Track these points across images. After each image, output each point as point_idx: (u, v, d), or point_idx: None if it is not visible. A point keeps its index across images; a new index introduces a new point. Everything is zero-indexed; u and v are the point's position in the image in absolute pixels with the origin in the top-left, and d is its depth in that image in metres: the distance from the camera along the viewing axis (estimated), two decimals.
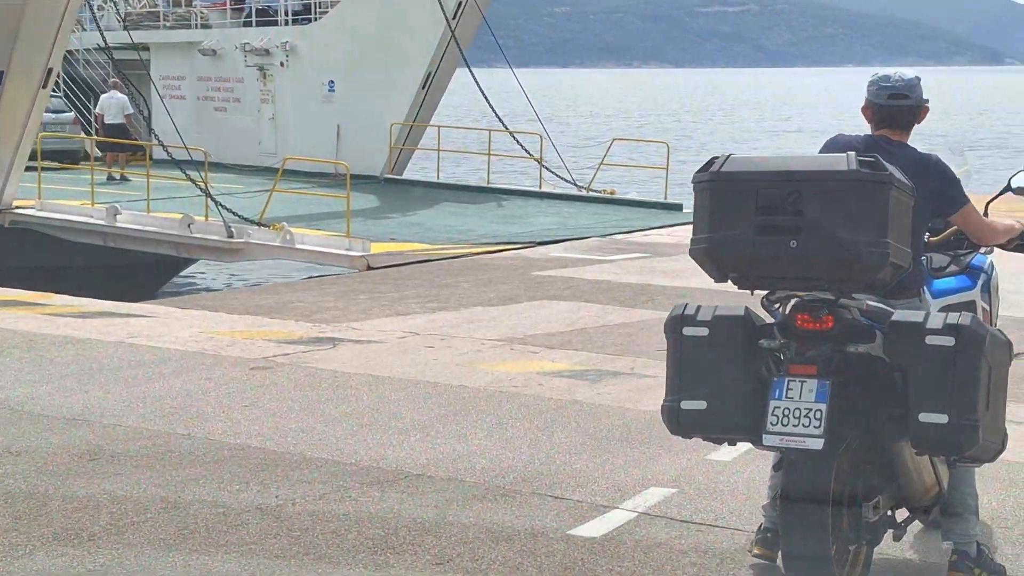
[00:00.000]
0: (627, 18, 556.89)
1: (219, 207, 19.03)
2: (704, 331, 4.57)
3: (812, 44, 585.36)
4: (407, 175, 27.84)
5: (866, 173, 4.29)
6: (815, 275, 4.39)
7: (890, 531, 4.91)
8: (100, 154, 26.48)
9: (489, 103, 24.95)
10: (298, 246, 18.29)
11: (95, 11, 27.70)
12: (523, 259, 16.09)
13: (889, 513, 4.87)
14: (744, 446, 7.21)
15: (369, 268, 16.12)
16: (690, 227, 4.65)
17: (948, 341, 4.32)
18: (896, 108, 5.02)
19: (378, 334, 10.85)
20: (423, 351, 10.09)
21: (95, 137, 26.55)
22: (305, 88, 28.18)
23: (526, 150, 25.68)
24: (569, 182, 25.33)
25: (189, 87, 30.92)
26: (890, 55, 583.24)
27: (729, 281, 4.55)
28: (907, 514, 5.07)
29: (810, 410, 4.37)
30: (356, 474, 6.69)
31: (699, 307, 4.67)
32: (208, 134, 29.98)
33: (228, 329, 11.05)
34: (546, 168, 25.31)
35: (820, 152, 4.96)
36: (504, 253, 16.76)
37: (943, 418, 4.30)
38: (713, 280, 4.59)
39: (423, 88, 26.15)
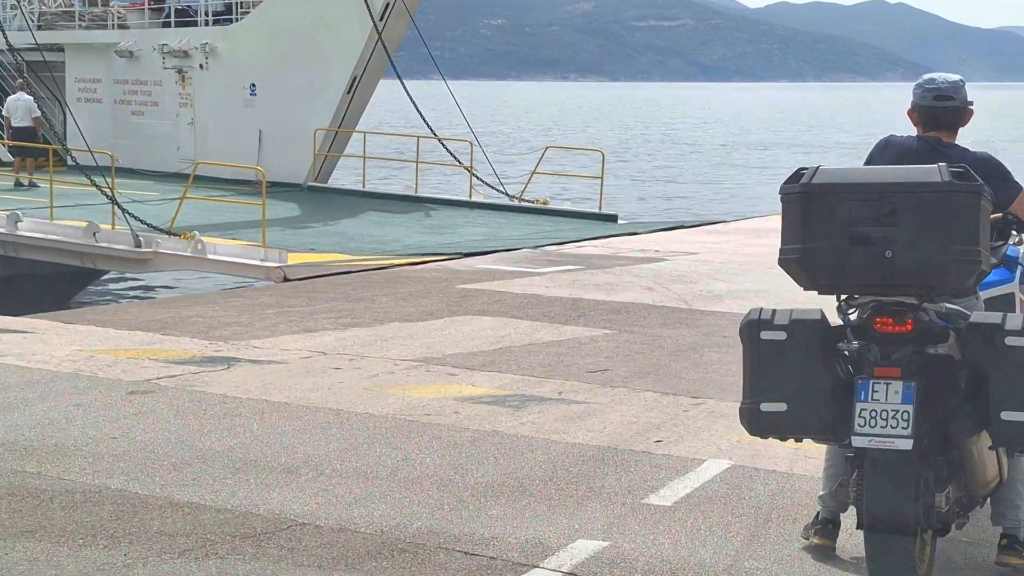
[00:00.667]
0: (564, 31, 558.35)
1: (126, 215, 17.87)
2: (782, 335, 4.65)
3: (747, 59, 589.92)
4: (332, 183, 26.73)
5: (960, 185, 4.42)
6: (907, 283, 4.52)
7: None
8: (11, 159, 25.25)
9: (416, 107, 23.94)
10: (210, 256, 17.17)
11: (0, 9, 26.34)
12: (448, 271, 15.07)
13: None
14: (686, 488, 6.30)
15: (286, 280, 15.05)
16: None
17: None
18: (941, 109, 5.25)
19: (281, 353, 9.78)
20: (329, 373, 9.03)
21: (4, 141, 25.30)
22: (225, 92, 26.98)
23: (455, 158, 24.70)
24: (500, 191, 24.36)
25: (106, 90, 29.60)
26: (823, 71, 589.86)
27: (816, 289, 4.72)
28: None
29: (897, 412, 4.48)
30: (229, 524, 5.63)
31: (774, 311, 4.73)
32: (125, 139, 28.78)
33: (112, 347, 9.91)
34: (476, 177, 24.32)
35: (872, 153, 5.33)
36: (428, 265, 15.73)
37: None
38: (802, 288, 4.70)
39: (348, 92, 25.04)
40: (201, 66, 27.45)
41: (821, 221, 4.49)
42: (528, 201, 23.56)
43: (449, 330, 10.92)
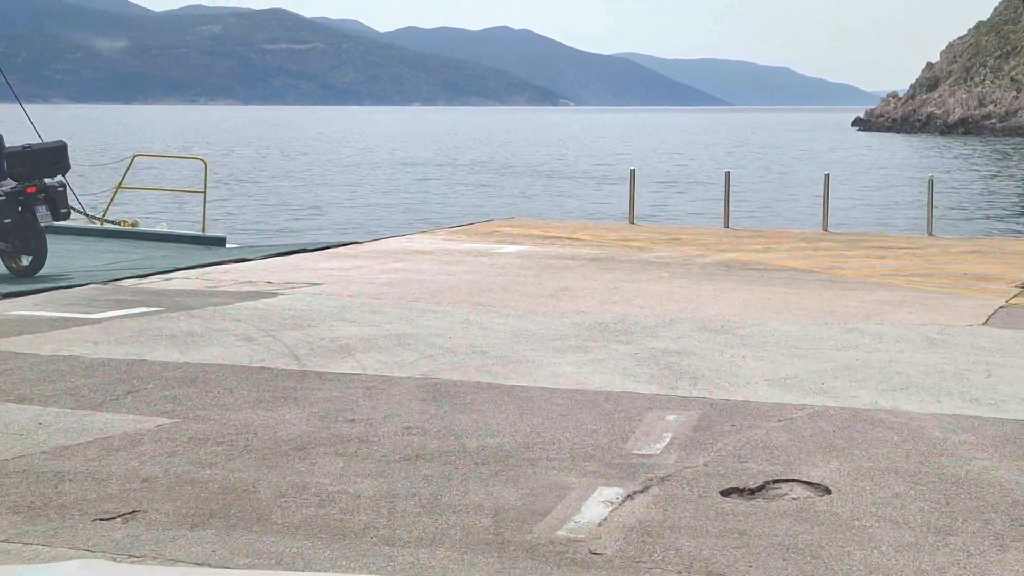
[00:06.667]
0: (191, 54, 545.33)
1: None
2: (3, 197, 13.63)
3: (378, 83, 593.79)
4: None
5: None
6: (46, 176, 14.35)
7: None
8: None
9: None
10: None
11: None
12: None
13: None
14: None
15: None
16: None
17: (61, 186, 14.41)
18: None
19: None
20: None
21: None
22: None
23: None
24: (79, 211, 19.63)
25: None
26: (454, 94, 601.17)
27: None
28: None
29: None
30: None
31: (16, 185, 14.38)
32: None
33: None
34: None
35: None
36: None
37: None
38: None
39: None
40: None
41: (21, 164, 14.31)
42: (113, 222, 18.95)
43: None
